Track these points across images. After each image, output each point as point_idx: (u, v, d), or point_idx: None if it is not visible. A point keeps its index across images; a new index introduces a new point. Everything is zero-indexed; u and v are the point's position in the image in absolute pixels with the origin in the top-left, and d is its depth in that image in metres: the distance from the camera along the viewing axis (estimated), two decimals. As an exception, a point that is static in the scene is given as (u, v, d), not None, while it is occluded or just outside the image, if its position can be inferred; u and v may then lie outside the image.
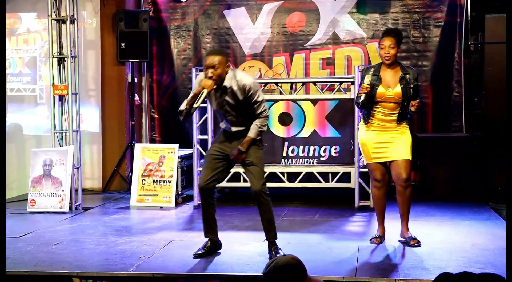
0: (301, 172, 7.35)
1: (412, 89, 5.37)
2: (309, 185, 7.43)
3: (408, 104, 5.34)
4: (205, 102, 5.33)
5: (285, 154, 7.45)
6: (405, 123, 5.46)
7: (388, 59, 5.38)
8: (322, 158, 7.41)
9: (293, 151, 7.45)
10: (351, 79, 7.24)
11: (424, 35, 8.41)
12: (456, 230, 6.09)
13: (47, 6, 7.33)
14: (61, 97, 7.43)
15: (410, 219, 5.55)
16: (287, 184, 7.41)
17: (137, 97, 8.79)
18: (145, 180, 7.59)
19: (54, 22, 7.40)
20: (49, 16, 7.34)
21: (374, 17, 8.52)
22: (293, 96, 7.42)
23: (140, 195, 7.57)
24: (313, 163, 7.39)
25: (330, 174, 7.33)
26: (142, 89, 9.04)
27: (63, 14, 7.36)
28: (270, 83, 7.85)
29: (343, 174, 7.31)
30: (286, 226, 6.27)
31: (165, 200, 7.47)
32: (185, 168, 7.75)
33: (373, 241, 5.52)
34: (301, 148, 7.44)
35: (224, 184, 7.34)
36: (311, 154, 7.42)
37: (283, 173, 7.38)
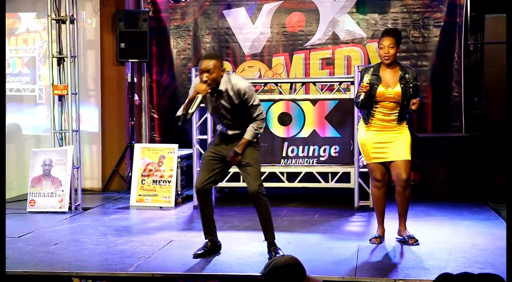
0: (301, 172, 7.35)
1: (411, 89, 5.38)
2: (308, 185, 7.44)
3: (407, 104, 5.35)
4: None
5: (284, 154, 7.45)
6: (405, 123, 5.47)
7: (387, 59, 5.39)
8: (321, 158, 7.40)
9: (292, 151, 7.44)
10: (350, 79, 7.25)
11: (423, 35, 8.41)
12: (455, 230, 6.09)
13: (47, 6, 7.32)
14: (60, 97, 7.43)
15: (409, 219, 5.56)
16: (286, 184, 7.41)
17: (136, 97, 8.78)
18: (144, 180, 7.59)
19: (53, 22, 7.40)
20: (48, 16, 7.34)
21: (373, 17, 8.52)
22: (292, 96, 7.42)
23: (139, 195, 7.57)
24: (313, 163, 7.39)
25: (329, 174, 7.34)
26: (141, 89, 9.03)
27: (62, 14, 7.35)
28: (269, 83, 7.85)
29: (343, 174, 7.31)
30: (285, 226, 6.27)
31: (164, 200, 7.47)
32: (185, 168, 7.75)
33: (373, 241, 5.52)
34: (301, 148, 7.43)
35: (223, 184, 7.33)
36: (310, 154, 7.42)
37: (282, 173, 7.38)
